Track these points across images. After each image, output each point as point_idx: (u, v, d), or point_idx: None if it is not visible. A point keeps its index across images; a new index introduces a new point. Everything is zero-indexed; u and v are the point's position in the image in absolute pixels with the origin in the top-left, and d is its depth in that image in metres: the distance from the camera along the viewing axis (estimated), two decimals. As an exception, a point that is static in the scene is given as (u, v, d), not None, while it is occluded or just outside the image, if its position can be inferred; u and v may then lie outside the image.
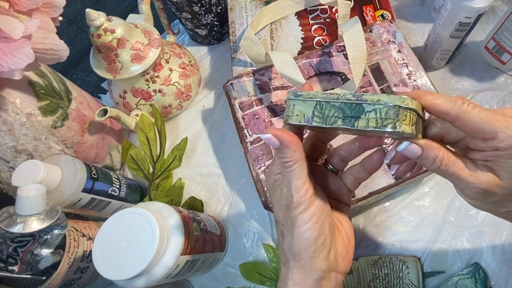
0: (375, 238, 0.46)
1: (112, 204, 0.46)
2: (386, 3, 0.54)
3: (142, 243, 0.32)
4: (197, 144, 0.57)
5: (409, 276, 0.41)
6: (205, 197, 0.53)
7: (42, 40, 0.38)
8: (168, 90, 0.55)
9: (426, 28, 0.58)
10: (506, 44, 0.48)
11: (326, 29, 0.52)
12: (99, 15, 0.45)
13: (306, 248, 0.27)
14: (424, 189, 0.47)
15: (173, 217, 0.36)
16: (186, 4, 0.55)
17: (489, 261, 0.42)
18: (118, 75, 0.50)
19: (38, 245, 0.36)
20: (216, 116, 0.59)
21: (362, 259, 0.43)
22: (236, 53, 0.54)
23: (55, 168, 0.39)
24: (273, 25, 0.54)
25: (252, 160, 0.45)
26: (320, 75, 0.48)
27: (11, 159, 0.40)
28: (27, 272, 0.36)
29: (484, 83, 0.52)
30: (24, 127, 0.40)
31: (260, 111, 0.47)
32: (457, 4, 0.42)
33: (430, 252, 0.44)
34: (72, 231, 0.40)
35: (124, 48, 0.48)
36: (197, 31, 0.62)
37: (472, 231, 0.44)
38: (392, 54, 0.47)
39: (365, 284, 0.41)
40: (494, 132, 0.23)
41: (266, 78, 0.48)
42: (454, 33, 0.46)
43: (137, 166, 0.53)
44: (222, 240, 0.48)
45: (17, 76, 0.35)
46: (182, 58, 0.58)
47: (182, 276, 0.39)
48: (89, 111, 0.51)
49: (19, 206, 0.34)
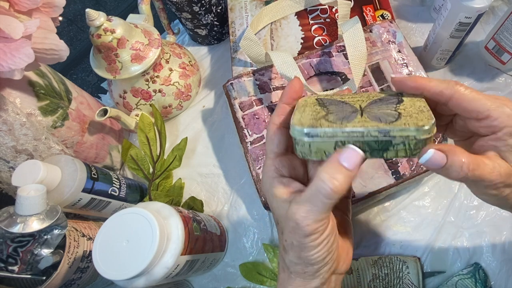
0: (375, 238, 0.46)
1: (112, 204, 0.46)
2: (386, 3, 0.54)
3: (142, 243, 0.32)
4: (197, 144, 0.57)
5: (409, 276, 0.41)
6: (205, 197, 0.53)
7: (42, 40, 0.38)
8: (168, 90, 0.55)
9: (426, 28, 0.58)
10: (506, 44, 0.48)
11: (326, 29, 0.52)
12: (99, 15, 0.45)
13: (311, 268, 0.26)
14: (424, 189, 0.47)
15: (173, 217, 0.36)
16: (186, 4, 0.55)
17: (489, 261, 0.42)
18: (118, 75, 0.50)
19: (38, 245, 0.36)
20: (216, 116, 0.59)
21: (362, 259, 0.43)
22: (236, 53, 0.54)
23: (55, 168, 0.39)
24: (273, 25, 0.54)
25: (252, 160, 0.45)
26: (320, 75, 0.48)
27: (11, 159, 0.40)
28: (27, 272, 0.36)
29: (484, 83, 0.52)
30: (24, 127, 0.40)
31: (260, 111, 0.47)
32: (457, 4, 0.42)
33: (430, 252, 0.44)
34: (72, 231, 0.40)
35: (124, 48, 0.48)
36: (197, 31, 0.62)
37: (472, 231, 0.44)
38: (392, 54, 0.47)
39: (365, 284, 0.41)
40: (486, 110, 0.23)
41: (266, 78, 0.48)
42: (454, 33, 0.46)
43: (137, 166, 0.53)
44: (222, 240, 0.48)
45: (17, 76, 0.35)
46: (182, 58, 0.58)
47: (182, 276, 0.39)
48: (89, 111, 0.51)
49: (19, 206, 0.34)
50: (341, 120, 0.25)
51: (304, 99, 0.29)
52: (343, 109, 0.26)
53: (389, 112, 0.25)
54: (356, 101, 0.27)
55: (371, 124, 0.24)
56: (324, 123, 0.24)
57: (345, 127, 0.24)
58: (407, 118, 0.24)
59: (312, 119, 0.25)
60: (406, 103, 0.26)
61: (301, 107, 0.27)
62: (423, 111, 0.24)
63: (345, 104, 0.27)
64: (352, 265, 0.42)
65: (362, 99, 0.28)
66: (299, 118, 0.25)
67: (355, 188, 0.43)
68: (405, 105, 0.26)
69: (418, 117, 0.24)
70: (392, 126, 0.23)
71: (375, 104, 0.27)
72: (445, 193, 0.47)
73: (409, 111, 0.25)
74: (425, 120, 0.23)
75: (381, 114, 0.25)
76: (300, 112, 0.26)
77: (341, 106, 0.27)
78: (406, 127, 0.23)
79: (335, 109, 0.26)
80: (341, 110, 0.26)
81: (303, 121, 0.25)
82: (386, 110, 0.25)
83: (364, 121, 0.24)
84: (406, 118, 0.24)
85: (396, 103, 0.26)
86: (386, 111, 0.25)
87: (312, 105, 0.27)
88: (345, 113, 0.25)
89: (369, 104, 0.27)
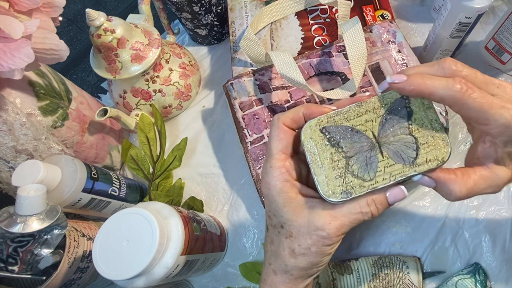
0: (375, 238, 0.46)
1: (112, 204, 0.46)
2: (386, 3, 0.54)
3: (142, 243, 0.32)
4: (197, 144, 0.57)
5: (409, 276, 0.41)
6: (205, 197, 0.53)
7: (42, 40, 0.38)
8: (168, 90, 0.55)
9: (426, 28, 0.58)
10: (506, 44, 0.48)
11: (326, 29, 0.52)
12: (99, 15, 0.45)
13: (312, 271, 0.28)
14: (424, 189, 0.47)
15: (173, 217, 0.36)
16: (186, 4, 0.55)
17: (489, 261, 0.42)
18: (118, 75, 0.50)
19: (38, 245, 0.36)
20: (216, 116, 0.59)
21: (362, 259, 0.43)
22: (236, 53, 0.54)
23: (55, 168, 0.39)
24: (273, 25, 0.54)
25: (252, 160, 0.45)
26: (320, 75, 0.48)
27: (11, 159, 0.40)
28: (27, 272, 0.36)
29: (484, 83, 0.52)
30: (24, 127, 0.40)
31: (260, 111, 0.47)
32: (457, 4, 0.42)
33: (430, 252, 0.44)
34: (72, 231, 0.40)
35: (124, 48, 0.48)
36: (197, 31, 0.62)
37: (472, 231, 0.44)
38: (392, 54, 0.47)
39: (365, 284, 0.41)
40: (486, 120, 0.23)
41: (266, 78, 0.48)
42: (454, 33, 0.46)
43: (137, 166, 0.53)
44: (222, 240, 0.48)
45: (17, 76, 0.35)
46: (182, 58, 0.58)
47: (182, 276, 0.39)
48: (89, 111, 0.51)
49: (19, 206, 0.34)
50: (367, 171, 0.26)
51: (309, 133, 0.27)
52: (359, 146, 0.26)
53: (406, 141, 0.26)
54: (365, 122, 0.26)
55: (397, 170, 0.26)
56: (354, 184, 0.26)
57: (376, 183, 0.26)
58: (425, 149, 0.26)
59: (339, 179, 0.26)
60: (417, 116, 0.26)
61: (313, 154, 0.26)
62: (437, 130, 0.26)
63: (356, 133, 0.26)
64: (352, 265, 0.42)
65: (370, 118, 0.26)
66: (325, 182, 0.26)
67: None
68: (417, 121, 0.26)
69: (436, 144, 0.26)
70: (416, 168, 0.25)
71: (388, 126, 0.26)
72: (445, 193, 0.46)
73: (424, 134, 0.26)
74: (443, 151, 0.25)
75: (400, 148, 0.26)
76: (317, 165, 0.26)
77: (354, 140, 0.26)
78: (430, 167, 0.25)
79: (351, 148, 0.26)
80: (358, 148, 0.26)
81: (332, 188, 0.26)
82: (401, 136, 0.26)
83: (387, 165, 0.26)
84: (425, 150, 0.26)
85: (407, 118, 0.26)
86: (402, 138, 0.26)
87: (323, 146, 0.26)
88: (364, 155, 0.26)
89: (382, 129, 0.26)
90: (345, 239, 0.46)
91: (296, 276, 0.28)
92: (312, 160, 0.26)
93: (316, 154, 0.26)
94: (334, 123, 0.26)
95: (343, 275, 0.41)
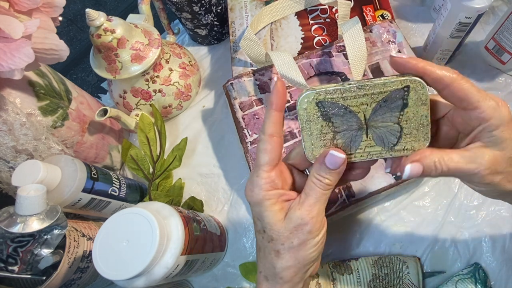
0: (375, 238, 0.46)
1: (112, 204, 0.46)
2: (386, 3, 0.54)
3: (142, 243, 0.32)
4: (197, 144, 0.57)
5: (409, 276, 0.41)
6: (205, 197, 0.53)
7: (42, 40, 0.38)
8: (168, 90, 0.55)
9: (426, 28, 0.58)
10: (506, 44, 0.48)
11: (326, 29, 0.52)
12: (99, 15, 0.45)
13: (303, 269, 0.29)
14: (424, 189, 0.47)
15: (173, 217, 0.36)
16: (186, 4, 0.55)
17: (489, 261, 0.42)
18: (118, 75, 0.50)
19: (38, 245, 0.36)
20: (216, 116, 0.59)
21: (362, 259, 0.43)
22: (236, 53, 0.54)
23: (55, 168, 0.39)
24: (273, 25, 0.54)
25: (252, 160, 0.45)
26: (320, 75, 0.48)
27: (11, 159, 0.40)
28: (27, 272, 0.36)
29: (484, 83, 0.52)
30: (24, 127, 0.40)
31: (260, 111, 0.47)
32: (457, 4, 0.42)
33: (430, 252, 0.44)
34: (72, 231, 0.40)
35: (124, 48, 0.48)
36: (197, 31, 0.62)
37: (472, 231, 0.44)
38: (392, 54, 0.47)
39: (365, 284, 0.41)
40: (476, 102, 0.25)
41: (266, 78, 0.48)
42: (454, 33, 0.46)
43: (137, 166, 0.53)
44: (222, 240, 0.48)
45: (17, 76, 0.35)
46: (182, 58, 0.58)
47: (182, 276, 0.39)
48: (89, 111, 0.51)
49: (19, 206, 0.34)
50: (350, 147, 0.28)
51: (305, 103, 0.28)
52: (349, 125, 0.28)
53: (392, 128, 0.27)
54: (360, 105, 0.27)
55: (375, 151, 0.28)
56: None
57: (354, 158, 0.28)
58: (406, 139, 0.27)
59: (323, 148, 0.28)
60: (410, 109, 0.27)
61: (305, 122, 0.28)
62: (423, 125, 0.27)
63: (349, 113, 0.27)
64: (352, 265, 0.42)
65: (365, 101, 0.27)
66: (311, 148, 0.28)
67: (355, 188, 0.43)
68: (409, 114, 0.27)
69: (417, 136, 0.27)
70: (392, 153, 0.28)
71: (380, 112, 0.27)
72: (445, 193, 0.47)
73: (410, 126, 0.27)
74: (421, 144, 0.27)
75: (384, 134, 0.28)
76: (307, 133, 0.28)
77: (345, 118, 0.27)
78: (404, 153, 0.28)
79: (340, 125, 0.28)
80: (347, 126, 0.28)
81: (316, 154, 0.28)
82: (389, 123, 0.27)
83: (368, 146, 0.28)
84: (406, 140, 0.27)
85: (400, 109, 0.27)
86: (389, 125, 0.27)
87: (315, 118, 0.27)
88: (351, 133, 0.28)
89: (374, 112, 0.27)
90: (345, 239, 0.46)
91: (286, 280, 0.28)
92: (303, 128, 0.28)
93: (308, 123, 0.28)
94: (330, 100, 0.27)
95: (343, 275, 0.41)
